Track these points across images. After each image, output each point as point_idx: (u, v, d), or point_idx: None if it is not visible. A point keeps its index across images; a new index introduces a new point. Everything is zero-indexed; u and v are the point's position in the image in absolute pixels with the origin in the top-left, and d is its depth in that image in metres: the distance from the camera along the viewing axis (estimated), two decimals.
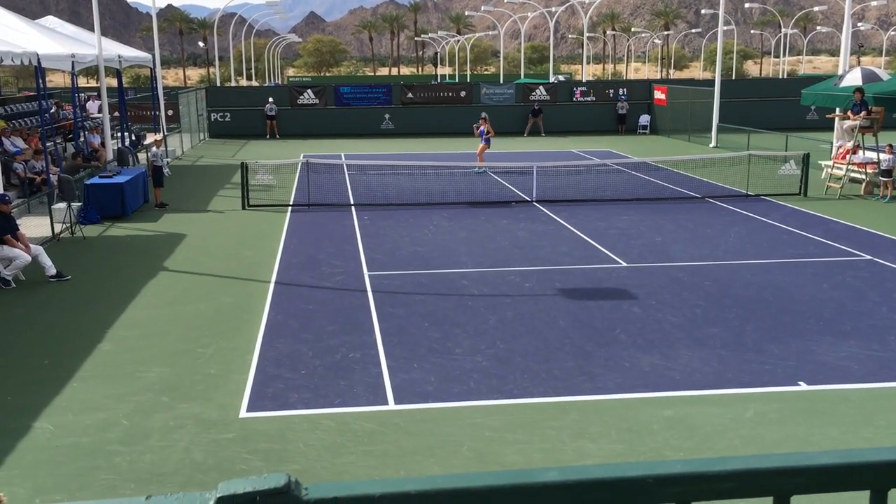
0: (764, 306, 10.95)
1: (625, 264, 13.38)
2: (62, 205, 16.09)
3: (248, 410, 7.77)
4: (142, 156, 24.95)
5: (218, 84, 62.29)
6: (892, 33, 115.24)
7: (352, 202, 19.52)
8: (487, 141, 24.44)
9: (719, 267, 13.12)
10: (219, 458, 6.85)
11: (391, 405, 7.88)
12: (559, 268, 13.17)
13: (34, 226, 15.91)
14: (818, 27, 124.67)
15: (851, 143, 20.80)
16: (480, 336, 9.80)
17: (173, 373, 8.74)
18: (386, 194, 20.40)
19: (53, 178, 17.75)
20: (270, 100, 36.50)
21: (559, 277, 12.52)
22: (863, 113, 20.10)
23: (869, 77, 21.12)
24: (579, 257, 13.89)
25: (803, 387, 8.27)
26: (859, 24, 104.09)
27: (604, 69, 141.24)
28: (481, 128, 24.29)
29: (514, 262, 13.51)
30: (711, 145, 31.07)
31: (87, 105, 30.03)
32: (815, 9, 77.85)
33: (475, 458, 6.87)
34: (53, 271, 12.49)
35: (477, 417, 7.59)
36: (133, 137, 26.68)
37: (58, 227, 15.72)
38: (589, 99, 38.56)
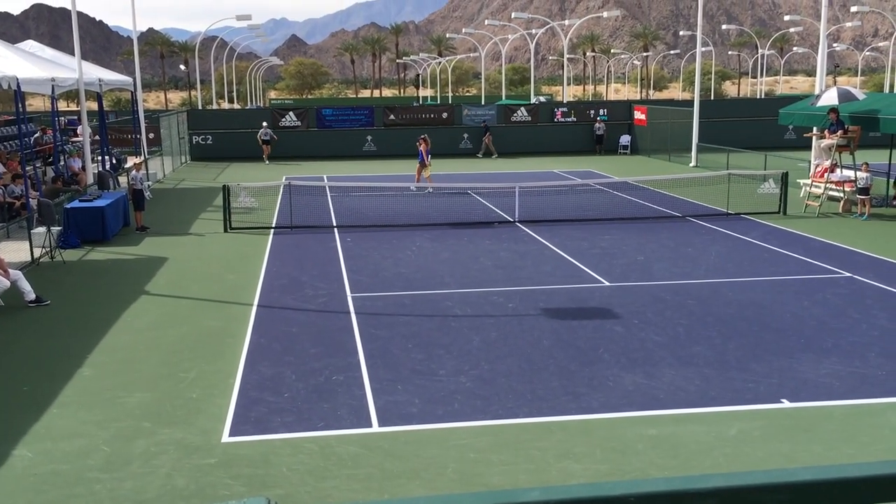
0: (746, 324, 11.01)
1: (608, 283, 13.43)
2: (41, 229, 15.97)
3: (231, 435, 7.70)
4: (123, 179, 24.83)
5: (199, 107, 62.25)
6: (867, 53, 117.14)
7: (334, 224, 19.49)
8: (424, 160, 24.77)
9: (701, 285, 13.20)
10: (201, 484, 6.77)
11: (375, 427, 7.83)
12: (542, 288, 13.19)
13: (13, 250, 15.76)
14: (794, 48, 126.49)
15: (829, 161, 21.06)
16: (464, 357, 9.78)
17: (154, 398, 8.66)
18: (368, 216, 20.40)
19: (33, 203, 17.62)
20: (264, 124, 35.70)
21: (542, 297, 12.54)
22: (839, 132, 20.37)
23: (845, 96, 21.43)
24: (562, 277, 13.92)
25: (786, 404, 8.31)
26: (835, 45, 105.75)
27: (584, 90, 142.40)
28: (422, 148, 24.61)
29: (498, 283, 13.53)
30: (691, 165, 31.35)
31: (77, 130, 29.88)
32: (791, 30, 79.03)
33: (460, 479, 6.84)
34: (33, 296, 12.37)
35: (461, 439, 7.56)
36: (114, 161, 26.56)
37: (37, 252, 15.59)
38: (570, 120, 38.85)
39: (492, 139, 36.95)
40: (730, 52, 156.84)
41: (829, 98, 21.48)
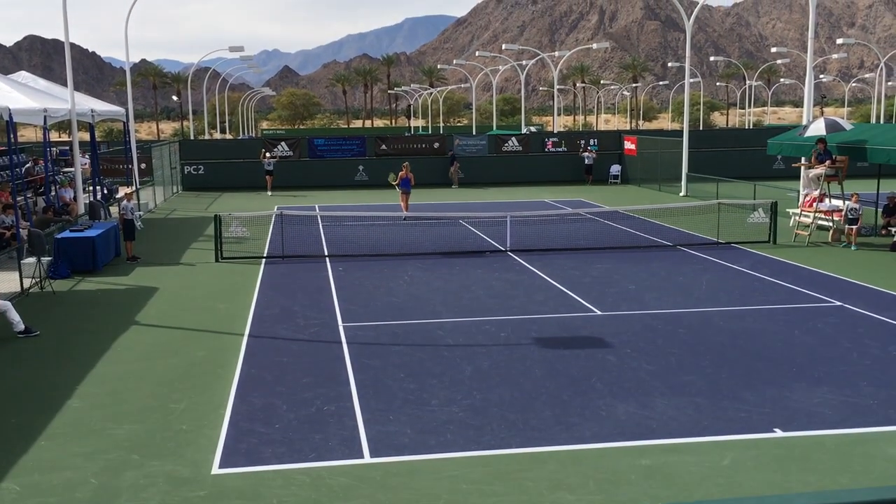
0: (737, 353, 11.02)
1: (599, 313, 13.43)
2: (32, 259, 15.90)
3: (221, 466, 7.63)
4: (114, 209, 24.80)
5: (192, 137, 62.41)
6: (854, 85, 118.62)
7: (326, 253, 19.48)
8: (407, 189, 25.15)
9: (693, 314, 13.22)
10: None
11: (367, 458, 7.77)
12: (534, 317, 13.18)
13: (3, 281, 15.66)
14: (782, 79, 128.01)
15: (818, 191, 21.22)
16: (456, 386, 9.75)
17: (144, 429, 8.58)
18: (360, 245, 20.40)
19: (23, 233, 17.57)
20: (267, 155, 34.87)
21: (534, 326, 12.53)
22: (827, 162, 20.56)
23: (832, 127, 21.66)
24: (554, 306, 13.92)
25: (779, 433, 8.29)
26: (821, 76, 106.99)
27: (574, 120, 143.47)
28: (405, 177, 24.98)
29: (489, 312, 13.52)
30: (682, 194, 31.53)
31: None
32: (779, 62, 79.98)
33: None
34: (22, 327, 12.28)
35: (454, 469, 7.51)
36: (105, 191, 26.54)
37: (27, 282, 15.50)
38: (561, 150, 39.10)
39: (458, 169, 37.11)
40: (718, 84, 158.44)
41: (817, 128, 21.70)
